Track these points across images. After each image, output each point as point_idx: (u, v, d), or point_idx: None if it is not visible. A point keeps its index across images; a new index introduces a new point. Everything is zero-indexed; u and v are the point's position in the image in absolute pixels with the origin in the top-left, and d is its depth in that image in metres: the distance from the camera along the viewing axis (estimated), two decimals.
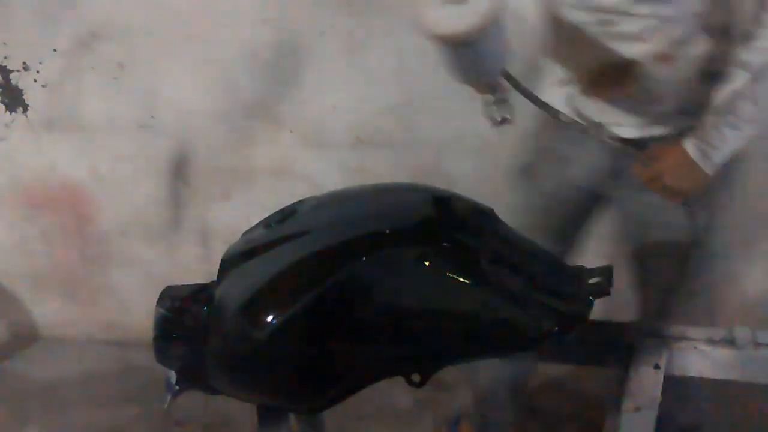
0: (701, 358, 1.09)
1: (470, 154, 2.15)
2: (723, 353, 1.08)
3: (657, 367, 1.07)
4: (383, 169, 2.14)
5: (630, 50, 1.30)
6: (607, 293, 1.04)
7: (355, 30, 2.03)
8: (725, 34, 1.29)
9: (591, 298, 1.03)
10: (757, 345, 1.08)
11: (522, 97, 1.30)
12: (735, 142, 1.29)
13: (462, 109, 2.05)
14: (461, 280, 0.93)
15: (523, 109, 1.34)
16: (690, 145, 1.31)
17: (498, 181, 2.16)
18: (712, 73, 1.31)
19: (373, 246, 0.95)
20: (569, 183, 1.52)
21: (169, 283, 1.10)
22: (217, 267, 1.07)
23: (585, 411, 1.91)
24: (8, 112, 2.38)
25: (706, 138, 1.29)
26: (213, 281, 1.07)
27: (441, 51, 1.06)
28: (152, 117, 2.29)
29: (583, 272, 1.08)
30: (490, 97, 1.27)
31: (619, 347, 1.11)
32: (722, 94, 1.27)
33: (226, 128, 2.26)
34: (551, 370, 1.96)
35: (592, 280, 1.06)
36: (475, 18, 0.96)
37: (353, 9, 2.01)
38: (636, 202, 1.48)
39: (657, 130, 1.38)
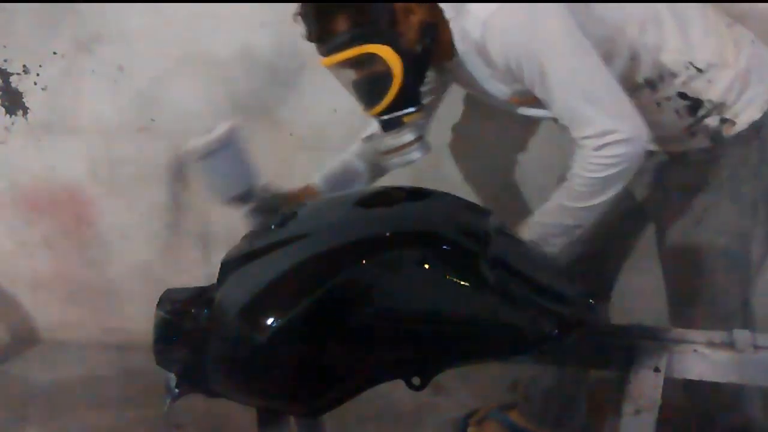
0: (701, 361, 1.09)
1: (470, 157, 2.16)
2: (723, 356, 1.08)
3: (657, 369, 1.06)
4: None
5: None
6: (608, 297, 1.04)
7: None
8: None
9: (591, 300, 1.03)
10: (757, 348, 1.08)
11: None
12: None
13: (461, 112, 2.07)
14: (461, 283, 0.93)
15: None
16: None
17: (497, 183, 2.17)
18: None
19: (373, 249, 0.95)
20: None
21: (169, 286, 1.11)
22: (218, 270, 1.07)
23: (584, 417, 1.90)
24: (8, 115, 2.39)
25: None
26: (213, 284, 1.07)
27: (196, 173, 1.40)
28: (152, 120, 2.30)
29: (583, 275, 1.08)
30: (248, 210, 1.45)
31: (619, 350, 1.11)
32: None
33: None
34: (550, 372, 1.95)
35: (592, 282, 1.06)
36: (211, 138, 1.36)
37: None
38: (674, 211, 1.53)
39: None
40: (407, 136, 1.42)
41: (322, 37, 1.37)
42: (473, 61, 1.41)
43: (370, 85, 1.40)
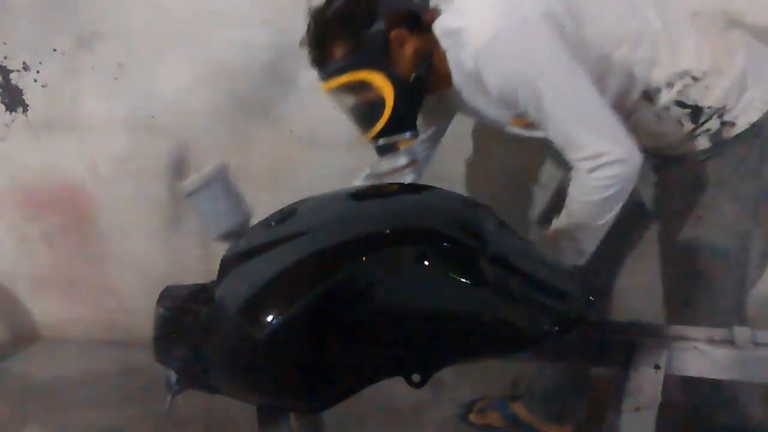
0: (701, 358, 1.09)
1: (468, 154, 2.16)
2: (723, 353, 1.09)
3: (657, 366, 1.07)
4: None
5: None
6: (608, 295, 1.04)
7: None
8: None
9: (591, 298, 1.03)
10: (757, 345, 1.09)
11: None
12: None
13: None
14: (461, 280, 0.93)
15: None
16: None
17: (496, 180, 2.17)
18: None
19: (373, 246, 0.95)
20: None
21: (169, 283, 1.11)
22: (217, 267, 1.07)
23: (585, 411, 1.91)
24: (8, 112, 2.38)
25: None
26: (213, 281, 1.07)
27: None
28: (152, 117, 2.29)
29: (582, 272, 1.08)
30: None
31: (619, 347, 1.11)
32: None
33: (225, 128, 2.26)
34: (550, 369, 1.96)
35: (591, 279, 1.06)
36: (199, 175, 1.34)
37: None
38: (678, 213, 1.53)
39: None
40: (400, 161, 1.49)
41: (321, 62, 1.44)
42: (470, 90, 1.44)
43: (364, 111, 1.47)
